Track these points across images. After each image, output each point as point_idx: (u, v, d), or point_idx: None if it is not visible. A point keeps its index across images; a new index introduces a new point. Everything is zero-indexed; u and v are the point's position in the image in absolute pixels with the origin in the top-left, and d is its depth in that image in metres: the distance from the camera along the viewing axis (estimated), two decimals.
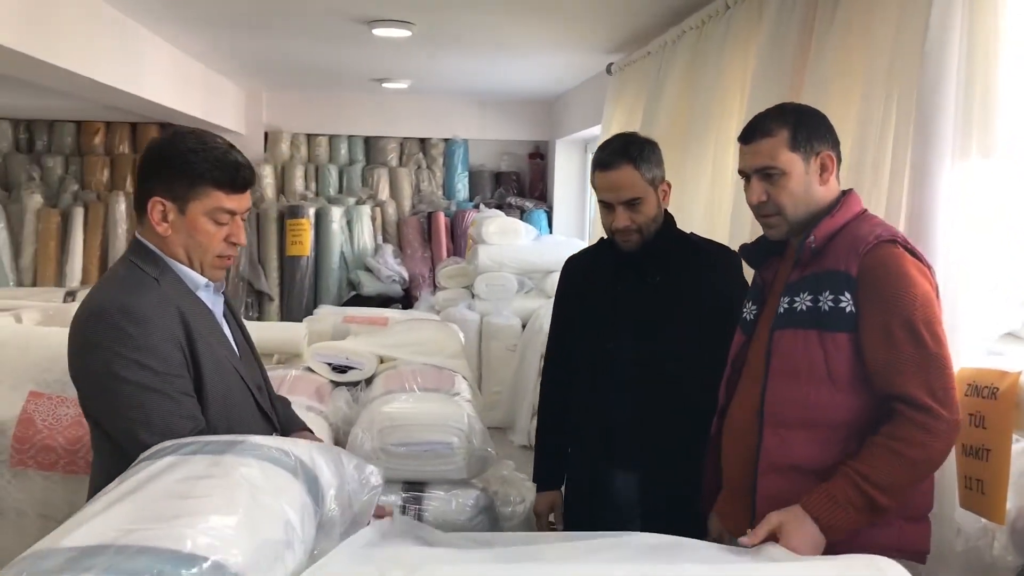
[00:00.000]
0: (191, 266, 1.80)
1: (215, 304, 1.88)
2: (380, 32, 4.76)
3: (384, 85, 7.02)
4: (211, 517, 1.14)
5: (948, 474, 1.98)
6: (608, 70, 5.52)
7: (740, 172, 1.95)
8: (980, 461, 1.87)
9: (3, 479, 2.34)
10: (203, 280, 1.82)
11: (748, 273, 2.50)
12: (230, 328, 1.92)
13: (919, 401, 1.66)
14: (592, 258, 2.57)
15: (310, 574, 1.15)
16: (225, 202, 1.78)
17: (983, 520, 1.93)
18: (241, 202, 1.81)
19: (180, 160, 1.75)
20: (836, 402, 1.76)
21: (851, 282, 1.75)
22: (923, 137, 2.09)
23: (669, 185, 2.42)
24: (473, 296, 6.41)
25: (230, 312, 1.97)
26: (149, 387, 1.66)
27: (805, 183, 1.85)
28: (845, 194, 1.91)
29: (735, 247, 2.28)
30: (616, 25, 4.74)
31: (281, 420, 2.01)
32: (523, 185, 8.28)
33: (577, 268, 2.58)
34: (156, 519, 1.12)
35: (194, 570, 1.02)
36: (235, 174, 1.78)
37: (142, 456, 1.47)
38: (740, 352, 2.01)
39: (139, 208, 1.80)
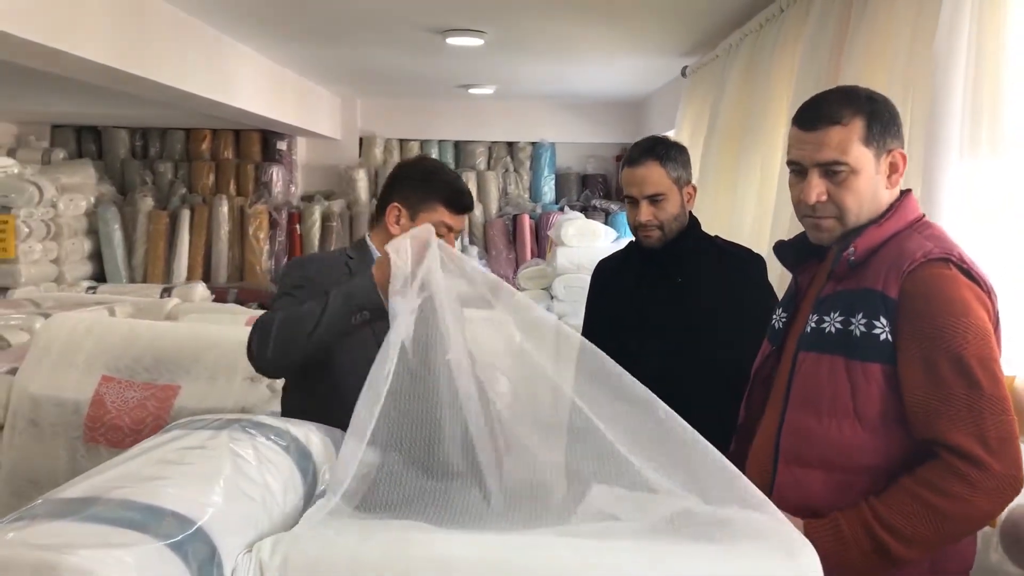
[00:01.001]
0: None
1: None
2: (453, 41, 4.94)
3: (470, 91, 7.22)
4: (191, 480, 1.31)
5: None
6: (683, 73, 5.56)
7: (792, 163, 1.66)
8: None
9: (78, 453, 2.62)
10: None
11: (774, 277, 2.54)
12: None
13: (965, 450, 1.44)
14: (620, 261, 2.65)
15: (279, 537, 1.31)
16: (447, 218, 2.13)
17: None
18: (458, 222, 2.17)
19: (420, 179, 2.17)
20: (861, 442, 1.54)
21: (889, 305, 1.52)
22: (933, 133, 2.11)
23: (695, 188, 2.49)
24: (552, 298, 6.52)
25: None
26: (286, 303, 2.03)
27: (873, 185, 1.59)
28: (901, 197, 1.64)
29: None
30: (687, 29, 4.78)
31: None
32: (609, 187, 8.34)
33: (605, 270, 2.67)
34: (144, 479, 1.30)
35: (163, 521, 1.18)
36: (460, 198, 2.17)
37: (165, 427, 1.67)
38: (765, 364, 1.81)
39: (379, 211, 2.20)
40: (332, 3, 4.30)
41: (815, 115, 1.61)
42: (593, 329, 2.62)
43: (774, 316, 1.84)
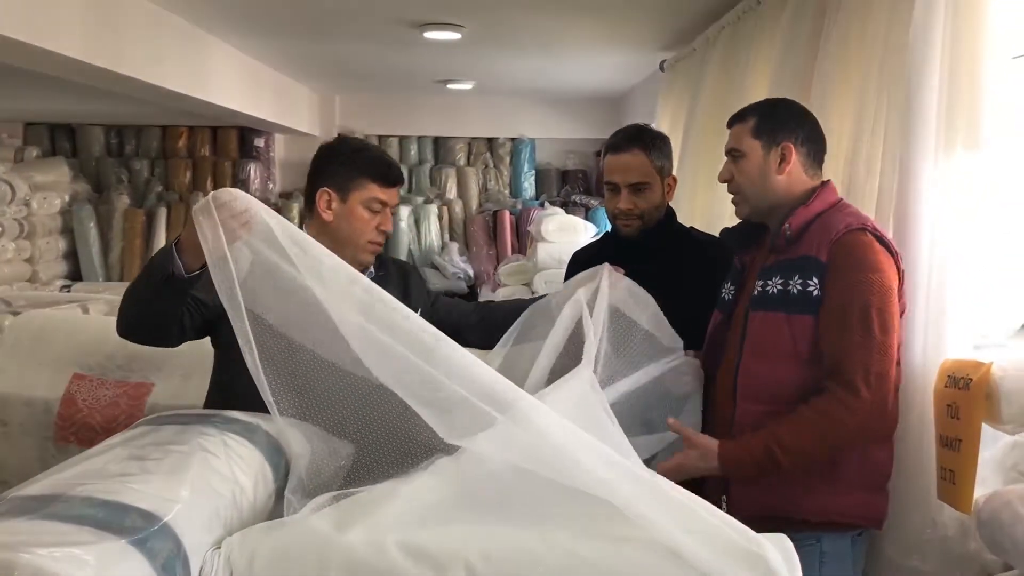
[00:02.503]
0: (342, 252, 1.98)
1: None
2: (430, 35, 4.91)
3: (449, 87, 7.18)
4: (157, 476, 1.28)
5: (927, 467, 1.99)
6: (661, 67, 5.55)
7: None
8: (953, 452, 1.87)
9: (48, 453, 2.57)
10: None
11: None
12: None
13: (849, 379, 1.81)
14: (595, 252, 2.64)
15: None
16: (379, 194, 2.10)
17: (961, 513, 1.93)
18: (391, 196, 2.14)
19: (345, 158, 2.12)
20: (798, 379, 1.91)
21: (820, 267, 1.89)
22: (909, 131, 2.10)
23: (675, 180, 2.49)
24: (532, 293, 6.51)
25: None
26: None
27: (761, 169, 2.00)
28: (824, 185, 2.03)
29: None
30: (664, 23, 4.76)
31: None
32: (589, 183, 8.33)
33: (580, 262, 2.65)
34: (108, 476, 1.27)
35: (126, 518, 1.16)
36: (388, 171, 2.14)
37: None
38: (716, 330, 2.17)
39: (308, 201, 2.14)
40: None
41: (732, 117, 2.10)
42: None
43: (723, 289, 2.18)
